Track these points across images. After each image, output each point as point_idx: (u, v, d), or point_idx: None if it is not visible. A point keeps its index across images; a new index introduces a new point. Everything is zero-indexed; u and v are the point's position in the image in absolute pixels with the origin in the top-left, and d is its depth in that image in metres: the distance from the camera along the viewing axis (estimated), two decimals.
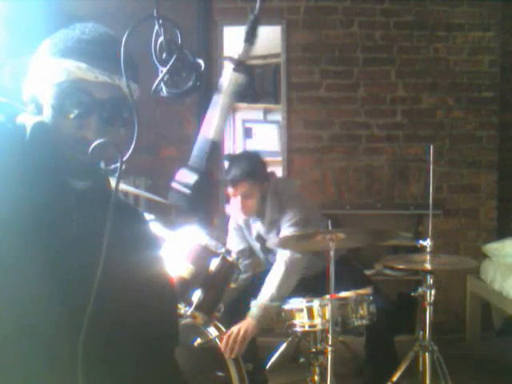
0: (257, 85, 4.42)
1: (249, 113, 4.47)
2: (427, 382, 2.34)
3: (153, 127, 3.72)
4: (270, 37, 3.91)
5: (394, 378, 2.45)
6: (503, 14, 3.86)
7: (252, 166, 2.55)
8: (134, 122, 0.91)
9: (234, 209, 2.58)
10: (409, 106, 3.87)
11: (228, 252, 2.18)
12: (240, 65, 0.72)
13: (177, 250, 2.15)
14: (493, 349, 3.52)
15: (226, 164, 2.57)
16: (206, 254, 2.13)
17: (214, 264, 2.11)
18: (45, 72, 0.96)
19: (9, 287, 0.87)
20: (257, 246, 2.72)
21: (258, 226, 2.68)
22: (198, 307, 2.07)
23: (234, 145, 4.48)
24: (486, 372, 3.11)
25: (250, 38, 0.73)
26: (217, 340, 2.15)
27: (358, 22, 3.82)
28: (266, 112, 4.45)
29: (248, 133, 4.48)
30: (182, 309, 2.06)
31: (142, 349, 1.00)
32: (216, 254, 2.13)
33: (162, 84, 0.82)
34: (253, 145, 4.42)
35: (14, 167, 0.89)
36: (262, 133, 4.45)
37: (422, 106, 3.87)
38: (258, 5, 0.73)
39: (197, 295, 2.06)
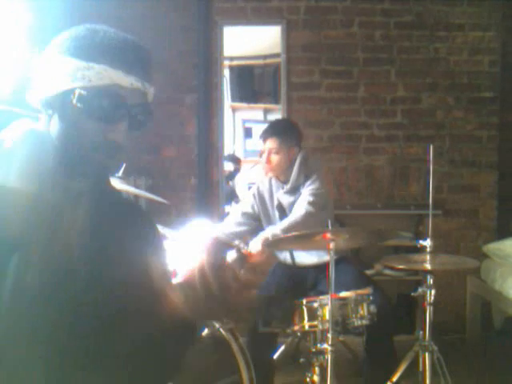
0: (257, 85, 4.43)
1: (249, 113, 4.48)
2: (427, 382, 2.34)
3: (153, 127, 3.71)
4: (270, 37, 3.91)
5: (394, 378, 2.45)
6: (503, 14, 3.86)
7: (283, 126, 2.82)
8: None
9: (262, 169, 2.82)
10: (409, 106, 3.87)
11: (241, 243, 2.25)
12: None
13: (190, 243, 2.18)
14: (493, 349, 3.52)
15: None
16: (222, 246, 2.19)
17: (231, 256, 2.17)
18: (73, 75, 0.95)
19: (11, 284, 0.87)
20: (276, 214, 2.80)
21: (279, 195, 2.78)
22: None
23: (233, 145, 4.49)
24: (486, 372, 3.12)
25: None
26: (221, 330, 2.16)
27: (358, 21, 3.82)
28: (266, 112, 4.46)
29: (248, 133, 4.49)
30: None
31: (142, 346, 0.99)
32: (231, 247, 2.18)
33: None
34: (253, 145, 4.43)
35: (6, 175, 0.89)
36: None
37: (422, 106, 3.87)
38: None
39: None
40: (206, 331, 2.16)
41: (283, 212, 2.75)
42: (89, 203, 1.00)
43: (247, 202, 2.89)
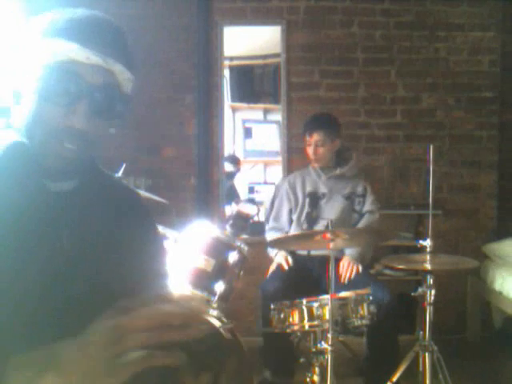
0: (257, 85, 4.42)
1: (249, 113, 4.47)
2: (427, 382, 2.34)
3: (153, 127, 3.72)
4: (270, 37, 3.91)
5: (394, 378, 2.45)
6: (503, 14, 3.86)
7: (327, 120, 3.01)
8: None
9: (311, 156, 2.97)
10: (409, 106, 3.87)
11: (242, 244, 2.25)
12: None
13: (192, 244, 2.18)
14: (493, 349, 3.52)
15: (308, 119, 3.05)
16: (224, 247, 2.19)
17: (233, 257, 2.16)
18: (30, 55, 0.87)
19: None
20: (307, 201, 2.95)
21: (321, 182, 2.99)
22: (222, 297, 2.13)
23: (233, 145, 4.48)
24: (486, 372, 3.12)
25: None
26: (221, 330, 2.16)
27: (357, 21, 3.82)
28: (266, 112, 4.45)
29: (248, 133, 4.48)
30: (207, 298, 2.12)
31: None
32: (233, 247, 2.18)
33: None
34: (253, 145, 4.43)
35: None
36: (261, 133, 4.45)
37: (422, 106, 3.87)
38: None
39: (219, 286, 2.12)
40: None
41: (315, 199, 2.92)
42: (79, 203, 0.94)
43: (285, 200, 3.00)
